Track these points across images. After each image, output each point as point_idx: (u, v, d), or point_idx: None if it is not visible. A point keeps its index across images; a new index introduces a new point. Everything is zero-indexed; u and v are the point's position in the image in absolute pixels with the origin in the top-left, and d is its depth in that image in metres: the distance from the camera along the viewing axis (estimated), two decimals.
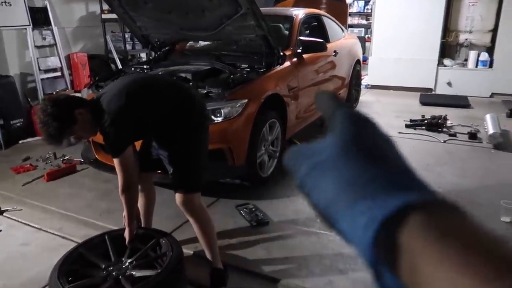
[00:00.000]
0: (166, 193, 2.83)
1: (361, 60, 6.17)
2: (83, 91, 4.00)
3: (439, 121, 5.16)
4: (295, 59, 3.98)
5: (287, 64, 3.83)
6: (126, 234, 2.19)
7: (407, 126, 5.25)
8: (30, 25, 5.24)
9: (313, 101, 4.36)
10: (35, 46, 5.41)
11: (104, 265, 2.09)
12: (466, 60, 7.25)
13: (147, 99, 2.16)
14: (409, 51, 7.31)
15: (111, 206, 3.19)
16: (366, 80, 7.76)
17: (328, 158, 0.35)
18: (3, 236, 2.96)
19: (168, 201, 2.25)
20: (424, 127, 5.16)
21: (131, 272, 2.05)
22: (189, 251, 2.60)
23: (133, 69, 4.06)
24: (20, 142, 4.95)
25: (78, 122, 1.99)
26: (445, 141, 4.77)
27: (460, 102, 6.51)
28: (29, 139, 4.96)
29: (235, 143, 3.17)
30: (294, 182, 0.37)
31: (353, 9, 11.30)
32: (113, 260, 2.14)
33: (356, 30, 10.47)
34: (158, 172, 2.51)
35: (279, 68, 3.71)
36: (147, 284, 1.91)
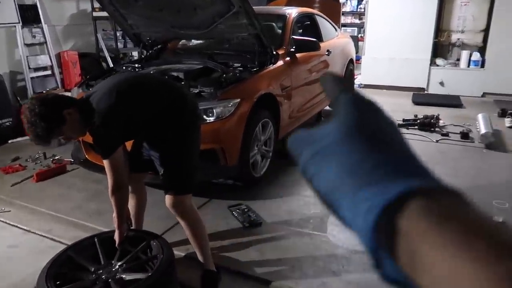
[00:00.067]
0: (157, 194, 2.79)
1: (354, 59, 6.17)
2: (73, 90, 3.94)
3: (432, 120, 5.17)
4: (288, 58, 3.95)
5: (280, 63, 3.81)
6: (116, 236, 2.15)
7: (400, 125, 5.24)
8: (19, 22, 5.16)
9: (306, 100, 4.37)
10: (24, 44, 5.35)
11: (93, 268, 2.05)
12: (458, 59, 7.28)
13: (138, 98, 2.12)
14: (401, 51, 7.32)
15: (102, 207, 3.15)
16: (359, 80, 7.78)
17: (331, 144, 0.35)
18: None
19: (160, 201, 2.23)
20: (416, 127, 5.17)
21: (121, 275, 2.01)
22: (181, 253, 2.56)
23: (124, 67, 4.00)
24: (9, 141, 4.87)
25: (67, 122, 1.94)
26: (437, 141, 4.77)
27: (452, 101, 6.53)
28: (19, 139, 4.88)
29: (227, 143, 3.14)
30: (297, 168, 0.37)
31: (346, 8, 11.30)
32: (102, 263, 2.10)
33: (349, 29, 10.46)
34: (149, 173, 2.47)
35: (272, 67, 3.68)
36: None
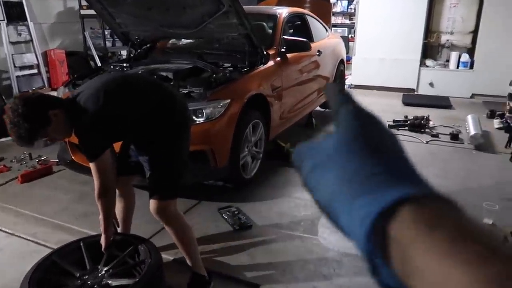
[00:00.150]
0: (145, 196, 2.70)
1: (345, 59, 6.17)
2: (59, 90, 3.85)
3: (422, 121, 5.18)
4: (278, 59, 3.92)
5: (271, 63, 3.77)
6: (103, 241, 2.10)
7: (390, 126, 5.24)
8: (4, 20, 5.07)
9: (297, 101, 4.34)
10: (9, 42, 5.24)
11: (78, 274, 1.99)
12: (447, 61, 7.32)
13: (125, 98, 2.07)
14: (392, 51, 7.33)
15: (88, 209, 3.08)
16: (349, 80, 7.77)
17: (331, 155, 0.36)
18: None
19: (148, 204, 2.19)
20: (407, 128, 5.18)
21: (107, 281, 1.96)
22: (169, 257, 2.51)
23: (112, 67, 3.93)
24: None
25: (52, 123, 1.88)
26: (427, 142, 4.78)
27: (442, 102, 6.57)
28: (3, 139, 4.77)
29: (217, 144, 3.09)
30: (299, 180, 0.38)
31: (336, 8, 11.34)
32: (88, 268, 2.04)
33: (339, 29, 10.49)
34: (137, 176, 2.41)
35: (262, 67, 3.64)
36: None
